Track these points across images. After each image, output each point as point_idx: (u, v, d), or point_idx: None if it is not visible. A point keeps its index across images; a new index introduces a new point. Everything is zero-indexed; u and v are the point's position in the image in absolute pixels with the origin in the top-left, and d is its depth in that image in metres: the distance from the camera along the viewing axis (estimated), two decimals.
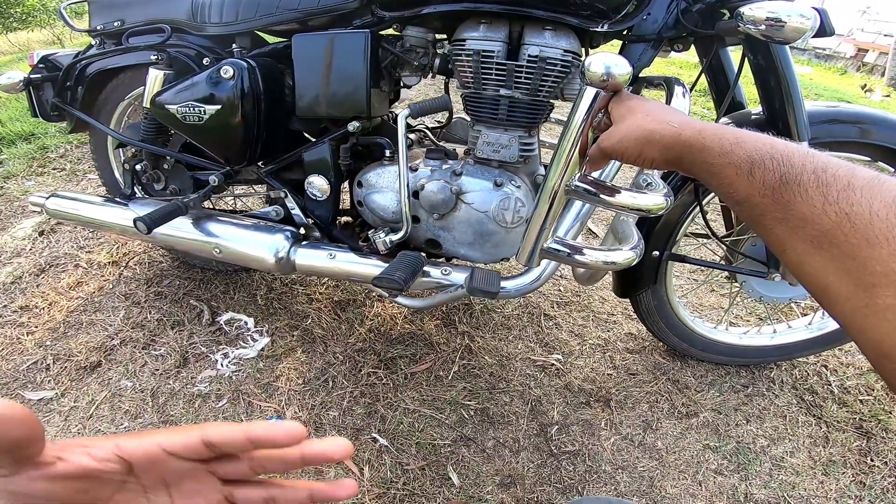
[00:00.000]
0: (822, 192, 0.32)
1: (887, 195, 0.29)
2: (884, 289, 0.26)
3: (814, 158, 0.34)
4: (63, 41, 7.31)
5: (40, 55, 1.37)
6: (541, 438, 1.20)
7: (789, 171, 0.35)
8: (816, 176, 0.33)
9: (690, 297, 1.63)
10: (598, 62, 0.61)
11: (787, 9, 0.71)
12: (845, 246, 0.29)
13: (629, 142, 0.52)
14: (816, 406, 1.31)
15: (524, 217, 0.98)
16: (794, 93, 0.95)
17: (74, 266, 1.69)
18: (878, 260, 0.27)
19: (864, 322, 0.28)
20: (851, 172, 0.32)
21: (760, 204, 0.36)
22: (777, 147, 0.37)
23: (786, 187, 0.34)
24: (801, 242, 0.33)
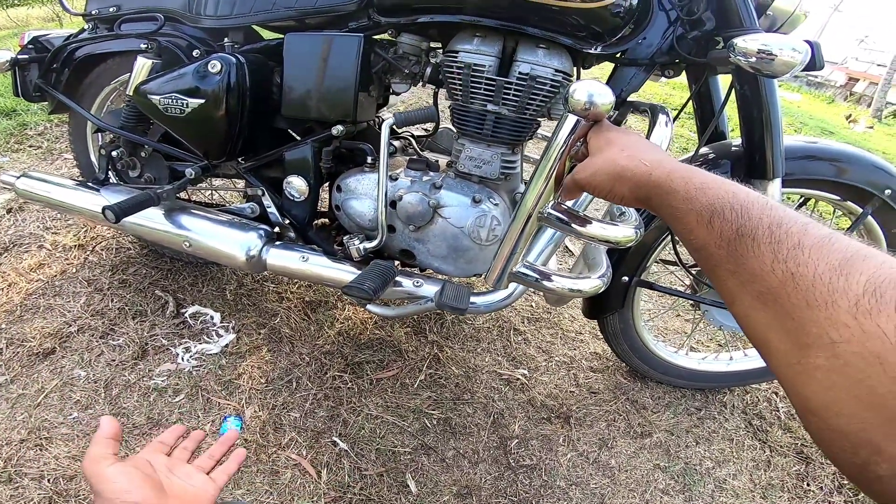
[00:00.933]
0: (773, 248, 0.32)
1: (833, 258, 0.29)
2: (816, 350, 0.27)
3: (771, 212, 0.35)
4: (62, 19, 7.06)
5: (31, 36, 1.34)
6: (500, 451, 1.21)
7: (746, 223, 0.35)
8: (770, 231, 0.33)
9: (656, 322, 1.68)
10: (583, 90, 0.61)
11: (779, 42, 0.72)
12: (787, 305, 0.30)
13: (602, 176, 0.52)
14: (763, 431, 1.36)
15: (499, 236, 0.99)
16: (775, 127, 0.97)
17: (38, 247, 1.63)
18: (814, 322, 0.28)
19: (795, 378, 0.29)
20: (804, 230, 0.32)
21: (716, 255, 0.37)
22: (738, 197, 0.38)
23: (741, 241, 0.35)
24: (748, 297, 0.33)
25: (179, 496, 0.52)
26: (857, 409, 0.25)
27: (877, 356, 0.24)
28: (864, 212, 1.10)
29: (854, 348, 0.25)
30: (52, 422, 1.13)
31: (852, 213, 1.13)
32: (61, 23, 6.87)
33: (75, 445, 1.09)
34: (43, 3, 6.94)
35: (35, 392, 1.19)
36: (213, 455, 0.63)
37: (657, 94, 4.70)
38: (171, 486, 0.53)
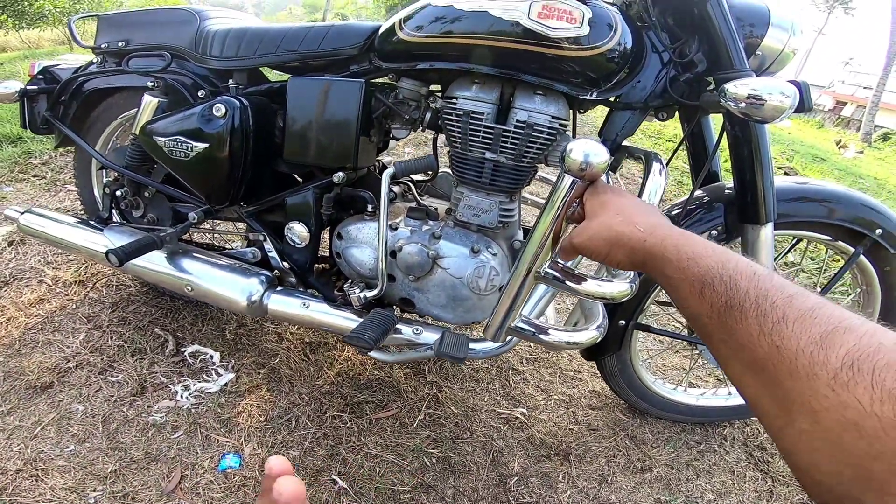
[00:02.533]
0: (759, 321, 0.34)
1: (815, 332, 0.31)
2: (800, 416, 0.30)
3: (758, 283, 0.37)
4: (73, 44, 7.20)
5: (41, 66, 1.36)
6: (500, 489, 1.21)
7: (734, 296, 0.37)
8: (757, 304, 0.35)
9: (654, 360, 1.68)
10: (579, 150, 0.62)
11: (769, 87, 0.73)
12: (774, 375, 0.32)
13: (598, 241, 0.54)
14: (764, 462, 1.36)
15: (497, 286, 1.01)
16: (766, 169, 0.97)
17: (39, 282, 1.64)
18: (797, 392, 0.30)
19: (784, 440, 0.32)
20: (789, 302, 0.34)
21: (708, 325, 0.39)
22: (728, 267, 0.40)
23: (730, 312, 0.37)
24: (739, 364, 0.36)
25: None
26: (838, 468, 0.28)
27: (853, 423, 0.27)
28: (855, 251, 1.11)
29: (833, 416, 0.28)
30: (48, 454, 1.13)
31: (844, 252, 1.14)
32: (72, 47, 6.97)
33: (71, 477, 1.09)
34: (54, 27, 7.05)
35: (32, 424, 1.19)
36: None
37: (650, 126, 4.76)
38: None
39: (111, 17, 1.29)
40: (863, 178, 5.90)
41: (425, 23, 0.96)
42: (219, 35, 1.15)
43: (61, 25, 6.97)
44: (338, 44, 1.07)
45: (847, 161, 7.03)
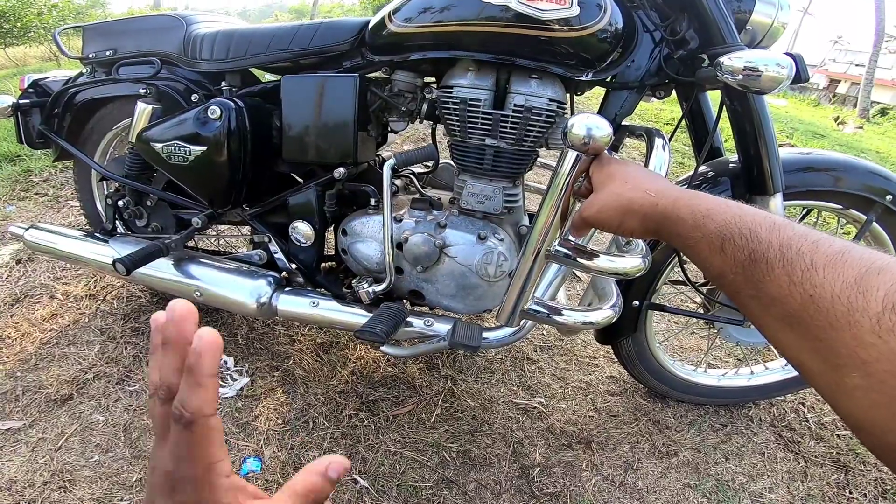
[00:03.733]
0: (787, 270, 0.32)
1: (849, 274, 0.29)
2: (850, 370, 0.27)
3: (779, 232, 0.35)
4: (59, 59, 7.24)
5: (31, 79, 1.35)
6: (522, 480, 1.19)
7: (757, 247, 0.35)
8: (782, 253, 0.33)
9: (671, 341, 1.65)
10: (580, 124, 0.61)
11: (764, 58, 0.72)
12: (812, 328, 0.30)
13: (609, 212, 0.53)
14: (794, 442, 1.33)
15: (506, 271, 0.99)
16: (769, 141, 0.96)
17: (50, 297, 1.65)
18: (842, 343, 0.28)
19: (837, 398, 0.29)
20: (815, 248, 0.32)
21: (735, 281, 0.37)
22: (745, 220, 0.38)
23: (755, 266, 0.35)
24: (774, 321, 0.33)
25: None
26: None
27: None
28: (868, 219, 1.09)
29: (885, 367, 0.25)
30: (73, 465, 1.14)
31: (857, 220, 1.12)
32: (59, 62, 7.03)
33: (98, 487, 1.09)
34: (40, 42, 7.13)
35: (55, 436, 1.20)
36: None
37: (647, 109, 4.71)
38: None
39: (96, 27, 1.29)
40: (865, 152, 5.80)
41: (414, 13, 0.95)
42: (207, 38, 1.15)
43: (47, 42, 7.04)
44: (328, 40, 1.06)
45: (847, 136, 6.94)
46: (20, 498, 1.06)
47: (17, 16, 6.35)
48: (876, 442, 0.27)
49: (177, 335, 0.25)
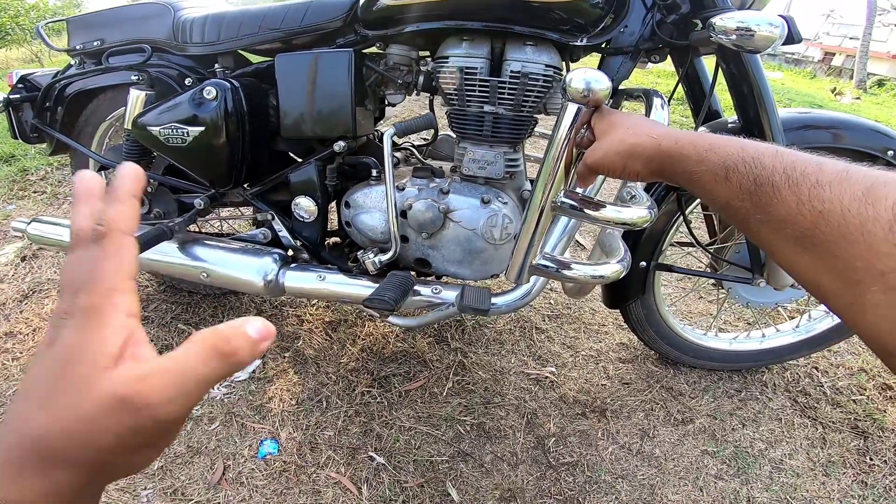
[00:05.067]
0: (794, 191, 0.32)
1: (856, 188, 0.29)
2: (869, 285, 0.26)
3: (783, 157, 0.35)
4: (42, 59, 7.21)
5: (19, 75, 1.34)
6: (538, 451, 1.19)
7: (761, 172, 0.36)
8: (787, 175, 0.33)
9: (679, 305, 1.65)
10: (579, 78, 0.62)
11: (755, 18, 0.73)
12: (826, 245, 0.29)
13: (613, 156, 0.53)
14: (810, 408, 1.32)
15: (512, 233, 0.99)
16: (767, 100, 0.97)
17: (58, 291, 1.66)
18: (857, 256, 0.27)
19: (859, 319, 0.28)
20: (819, 168, 0.32)
21: (742, 208, 0.37)
22: (748, 150, 0.38)
23: (760, 189, 0.35)
24: (786, 243, 0.33)
25: None
26: None
27: None
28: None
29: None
30: None
31: None
32: (42, 63, 7.01)
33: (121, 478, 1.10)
34: (20, 44, 7.11)
35: None
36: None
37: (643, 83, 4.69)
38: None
39: (80, 18, 1.27)
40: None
41: None
42: (197, 22, 1.14)
43: (27, 44, 7.02)
44: (320, 18, 1.05)
45: (845, 106, 6.90)
46: None
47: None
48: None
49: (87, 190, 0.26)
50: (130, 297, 0.24)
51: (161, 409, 0.22)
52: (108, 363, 0.22)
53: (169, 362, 0.23)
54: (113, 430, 0.22)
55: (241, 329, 0.24)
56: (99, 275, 0.24)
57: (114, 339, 0.23)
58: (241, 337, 0.23)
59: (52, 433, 0.21)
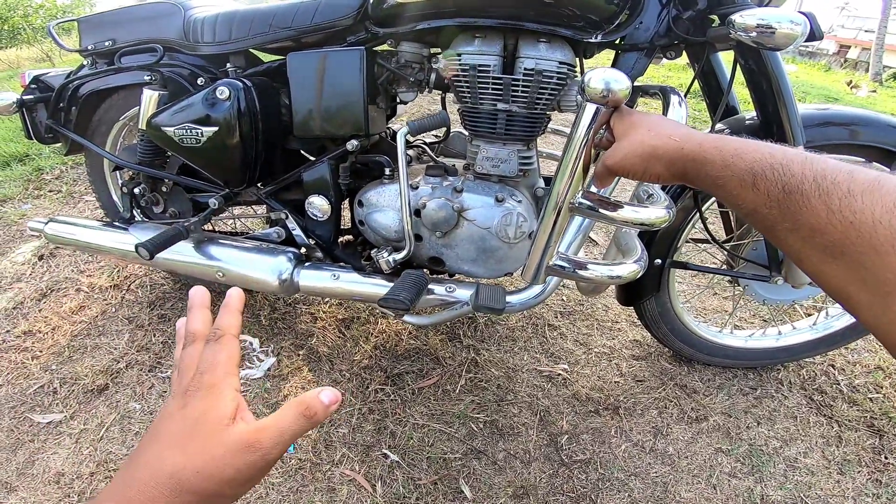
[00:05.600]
0: (824, 200, 0.32)
1: (888, 199, 0.28)
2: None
3: (813, 165, 0.34)
4: (53, 59, 7.26)
5: (32, 75, 1.35)
6: (551, 448, 1.19)
7: (790, 180, 0.35)
8: (817, 184, 0.33)
9: (694, 302, 1.63)
10: (598, 78, 0.61)
11: (777, 15, 0.71)
12: (855, 255, 0.29)
13: (634, 158, 0.52)
14: (826, 406, 1.31)
15: (526, 232, 0.98)
16: (787, 96, 0.95)
17: (76, 290, 1.68)
18: (888, 268, 0.27)
19: (889, 329, 0.28)
20: (850, 177, 0.31)
21: (769, 216, 0.36)
22: (776, 156, 0.37)
23: (789, 198, 0.34)
24: (815, 252, 0.32)
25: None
26: None
27: None
28: (891, 171, 1.07)
29: None
30: (117, 454, 1.16)
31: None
32: (52, 62, 7.05)
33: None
34: (31, 45, 7.15)
35: (96, 426, 1.22)
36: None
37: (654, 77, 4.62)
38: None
39: (91, 18, 1.28)
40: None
41: None
42: (208, 21, 1.14)
43: (37, 42, 7.06)
44: (330, 16, 1.05)
45: (861, 100, 6.78)
46: (69, 490, 1.09)
47: (3, 18, 6.34)
48: None
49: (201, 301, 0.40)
50: (236, 379, 0.36)
51: (271, 452, 0.32)
52: (228, 422, 0.33)
53: (272, 421, 0.34)
54: (235, 466, 0.31)
55: (318, 397, 0.35)
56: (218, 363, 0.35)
57: (230, 406, 0.34)
58: (317, 403, 0.35)
59: (186, 470, 0.31)
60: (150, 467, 0.31)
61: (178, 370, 0.37)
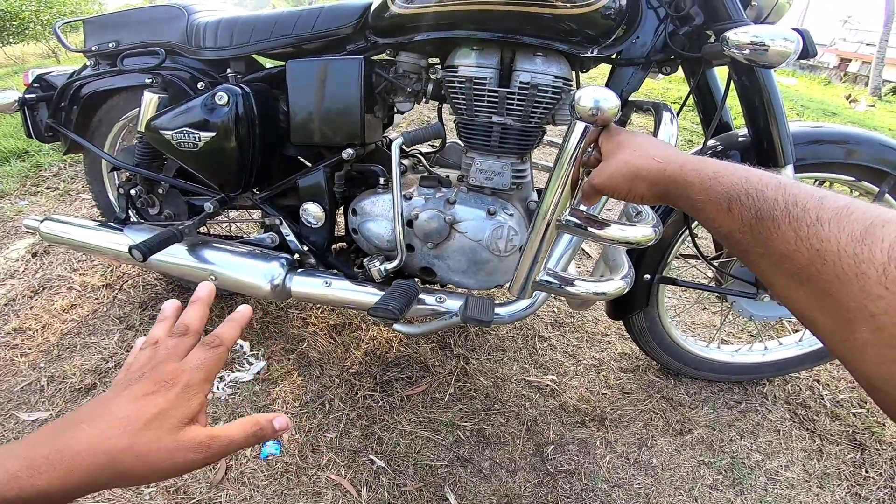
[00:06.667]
0: (793, 227, 0.32)
1: (854, 228, 0.29)
2: (860, 324, 0.27)
3: (786, 191, 0.35)
4: (58, 55, 7.23)
5: (35, 74, 1.36)
6: (537, 458, 1.20)
7: (763, 206, 0.35)
8: (788, 210, 0.33)
9: (683, 317, 1.65)
10: (588, 96, 0.62)
11: (770, 33, 0.72)
12: (820, 283, 0.30)
13: (618, 179, 0.53)
14: (810, 420, 1.33)
15: (517, 245, 0.99)
16: (779, 114, 0.96)
17: (68, 288, 1.68)
18: (850, 296, 0.27)
19: (849, 356, 0.28)
20: (820, 204, 0.32)
21: (742, 240, 0.37)
22: (752, 181, 0.38)
23: (761, 223, 0.35)
24: (783, 278, 0.33)
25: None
26: None
27: None
28: (880, 190, 1.09)
29: (893, 319, 0.25)
30: None
31: (869, 192, 1.12)
32: (58, 59, 7.03)
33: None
34: (38, 40, 7.14)
35: None
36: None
37: (654, 89, 4.66)
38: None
39: (97, 19, 1.29)
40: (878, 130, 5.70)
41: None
42: (210, 26, 1.15)
43: (45, 39, 7.04)
44: (331, 24, 1.06)
45: (859, 114, 6.83)
46: None
47: (14, 13, 6.33)
48: (889, 401, 0.27)
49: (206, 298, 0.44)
50: (210, 387, 0.38)
51: (214, 457, 0.35)
52: (186, 422, 0.35)
53: (224, 431, 0.36)
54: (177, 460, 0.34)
55: (271, 422, 0.39)
56: (203, 369, 0.38)
57: (195, 409, 0.36)
58: (269, 426, 0.39)
59: (126, 453, 0.32)
60: (88, 440, 0.32)
61: (154, 354, 0.38)
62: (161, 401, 0.35)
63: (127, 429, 0.33)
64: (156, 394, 0.35)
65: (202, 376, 0.37)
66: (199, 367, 0.37)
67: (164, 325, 0.43)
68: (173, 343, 0.39)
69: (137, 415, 0.34)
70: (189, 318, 0.42)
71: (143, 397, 0.35)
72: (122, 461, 0.32)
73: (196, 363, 0.38)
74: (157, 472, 0.33)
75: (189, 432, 0.35)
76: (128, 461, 0.32)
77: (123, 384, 0.36)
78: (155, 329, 0.42)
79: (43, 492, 0.29)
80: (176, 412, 0.35)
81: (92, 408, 0.34)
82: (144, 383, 0.36)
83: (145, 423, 0.33)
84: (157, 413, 0.34)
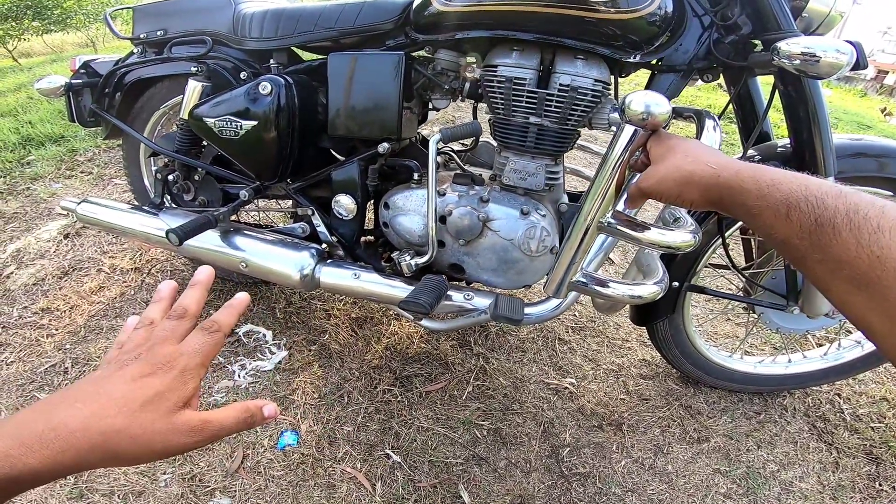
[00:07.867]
0: (854, 234, 0.33)
1: None
2: None
3: (846, 199, 0.36)
4: (96, 45, 7.32)
5: (82, 60, 1.39)
6: (552, 460, 1.20)
7: (823, 213, 0.36)
8: (849, 218, 0.34)
9: (706, 326, 1.64)
10: (639, 101, 0.62)
11: (823, 45, 0.71)
12: (879, 287, 0.31)
13: (669, 183, 0.53)
14: (828, 433, 1.32)
15: (549, 246, 0.99)
16: (824, 125, 0.95)
17: (97, 271, 1.72)
18: None
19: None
20: (881, 213, 0.33)
21: (800, 246, 0.38)
22: (811, 189, 0.39)
23: (821, 230, 0.36)
24: (841, 283, 0.34)
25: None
26: None
27: None
28: None
29: None
30: None
31: None
32: (95, 48, 7.12)
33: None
34: (78, 29, 7.23)
35: None
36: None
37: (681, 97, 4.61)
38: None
39: (146, 7, 1.32)
40: None
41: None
42: (257, 17, 1.17)
43: (85, 28, 7.12)
44: (373, 19, 1.07)
45: (894, 128, 6.70)
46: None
47: (57, 2, 6.43)
48: None
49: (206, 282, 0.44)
50: (205, 371, 0.38)
51: (204, 441, 0.36)
52: (181, 405, 0.35)
53: (216, 416, 0.37)
54: (169, 442, 0.34)
55: (261, 409, 0.40)
56: (200, 353, 0.38)
57: (190, 392, 0.36)
58: (259, 413, 0.40)
59: (121, 434, 0.32)
60: (84, 420, 0.31)
61: (150, 335, 0.38)
62: (158, 383, 0.35)
63: (123, 410, 0.33)
64: (152, 376, 0.35)
65: (199, 361, 0.37)
66: (197, 352, 0.37)
67: (160, 306, 0.42)
68: (171, 325, 0.39)
69: (134, 396, 0.33)
70: (188, 300, 0.41)
71: (140, 379, 0.35)
72: (116, 442, 0.32)
73: (193, 347, 0.38)
74: (149, 454, 0.33)
75: (183, 416, 0.35)
76: (122, 442, 0.32)
77: (118, 364, 0.36)
78: (150, 309, 0.42)
79: (34, 470, 0.29)
80: (172, 395, 0.35)
81: (86, 386, 0.34)
82: (141, 364, 0.35)
83: (142, 405, 0.33)
84: (154, 395, 0.34)
